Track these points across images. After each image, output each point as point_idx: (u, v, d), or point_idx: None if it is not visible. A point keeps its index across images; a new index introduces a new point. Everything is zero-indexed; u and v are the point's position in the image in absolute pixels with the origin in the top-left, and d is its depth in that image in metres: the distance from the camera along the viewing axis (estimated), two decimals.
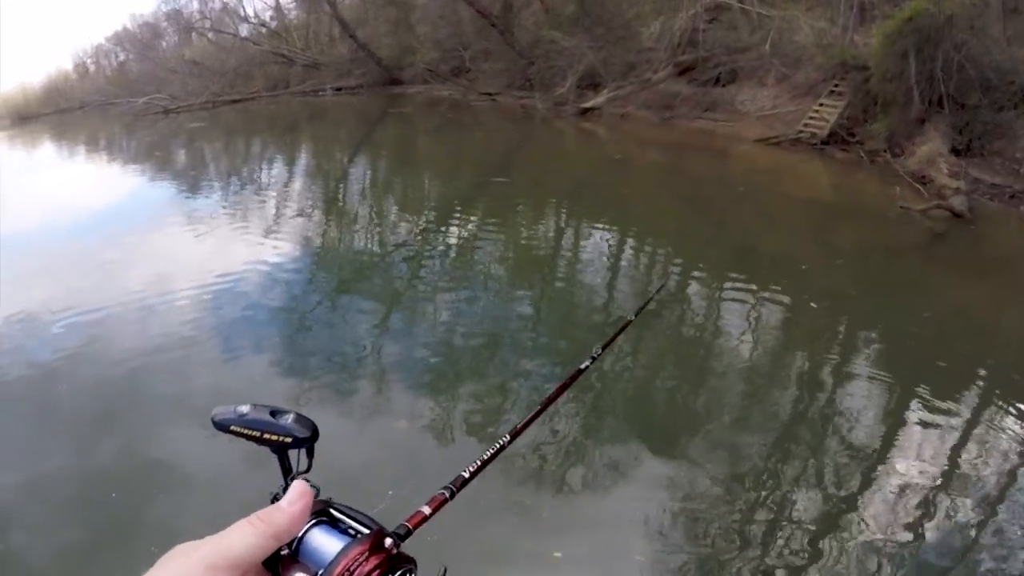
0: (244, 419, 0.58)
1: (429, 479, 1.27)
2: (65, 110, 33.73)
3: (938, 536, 2.81)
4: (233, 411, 0.58)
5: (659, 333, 5.01)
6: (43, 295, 6.02)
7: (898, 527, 2.82)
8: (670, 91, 14.03)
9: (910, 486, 3.08)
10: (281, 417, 0.58)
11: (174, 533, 2.04)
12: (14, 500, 3.31)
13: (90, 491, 3.34)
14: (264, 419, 0.57)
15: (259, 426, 0.57)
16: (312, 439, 0.58)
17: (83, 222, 9.51)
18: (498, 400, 4.08)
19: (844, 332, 5.03)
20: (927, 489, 3.06)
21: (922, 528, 2.84)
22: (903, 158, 8.90)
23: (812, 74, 11.88)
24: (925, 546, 2.76)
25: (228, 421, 0.58)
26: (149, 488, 3.26)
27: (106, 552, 2.89)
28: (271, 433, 0.57)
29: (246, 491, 0.37)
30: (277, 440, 0.57)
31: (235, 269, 6.39)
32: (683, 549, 2.78)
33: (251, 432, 0.57)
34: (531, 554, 2.75)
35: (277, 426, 0.57)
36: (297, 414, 0.58)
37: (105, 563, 2.82)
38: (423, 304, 5.72)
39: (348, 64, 23.23)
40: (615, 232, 7.56)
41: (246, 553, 0.44)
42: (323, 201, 10.44)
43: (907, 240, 6.78)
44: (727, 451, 3.39)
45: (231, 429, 0.58)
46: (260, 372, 4.46)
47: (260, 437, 0.57)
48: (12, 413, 4.18)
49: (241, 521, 0.46)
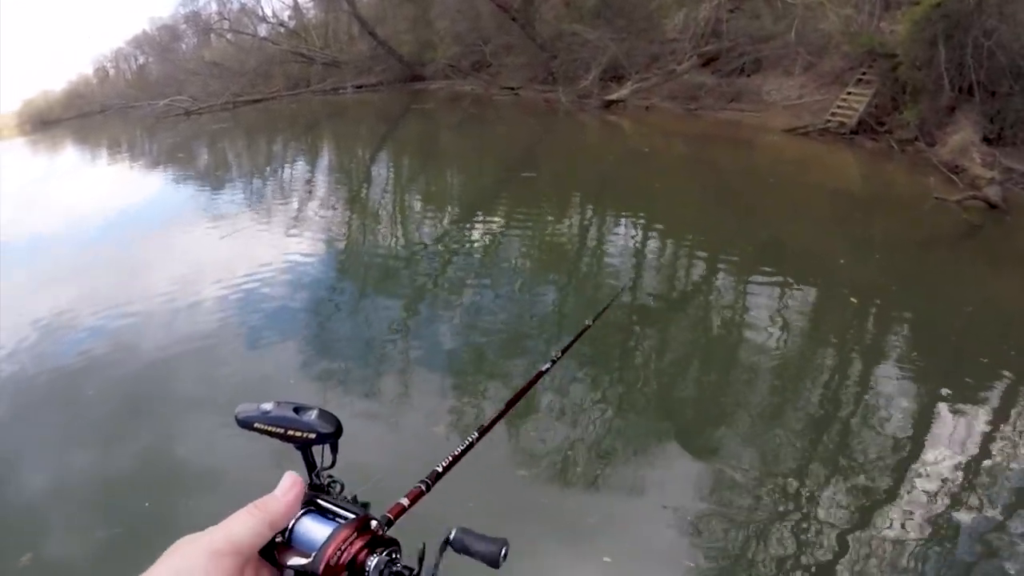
0: (267, 416, 0.58)
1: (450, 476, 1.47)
2: (86, 114, 34.34)
3: (971, 532, 2.79)
4: (256, 409, 0.59)
5: (687, 327, 5.09)
6: (70, 297, 6.19)
7: (931, 522, 2.84)
8: (694, 82, 14.17)
9: (949, 481, 3.10)
10: (304, 413, 0.58)
11: (198, 525, 2.50)
12: (43, 499, 3.40)
13: (117, 490, 3.40)
14: (288, 416, 0.58)
15: (283, 423, 0.58)
16: (336, 435, 0.59)
17: (109, 225, 9.72)
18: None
19: (884, 327, 5.03)
20: (966, 486, 3.08)
21: (955, 523, 2.84)
22: (935, 148, 9.04)
23: (838, 62, 11.98)
24: (958, 542, 2.75)
25: (252, 419, 0.59)
26: (176, 486, 3.33)
27: (133, 551, 2.90)
28: (295, 430, 0.58)
29: (271, 488, 0.43)
30: (301, 436, 0.58)
31: (260, 268, 6.48)
32: (725, 548, 2.77)
33: (275, 429, 0.58)
34: (579, 556, 2.76)
35: (300, 422, 0.58)
36: (320, 410, 0.59)
37: (134, 561, 2.94)
38: (449, 299, 5.76)
39: (368, 61, 23.49)
40: (642, 225, 7.66)
41: (247, 539, 0.47)
42: (347, 198, 10.56)
43: (943, 232, 6.89)
44: (768, 449, 3.39)
45: (255, 427, 0.59)
46: (286, 369, 4.51)
47: (284, 434, 0.58)
48: (42, 413, 4.28)
49: (240, 511, 0.48)
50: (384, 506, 0.60)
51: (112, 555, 2.94)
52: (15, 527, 3.25)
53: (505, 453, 3.39)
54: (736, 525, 2.88)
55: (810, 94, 12.14)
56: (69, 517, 3.28)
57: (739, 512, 2.95)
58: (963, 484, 3.10)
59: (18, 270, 7.77)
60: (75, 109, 35.14)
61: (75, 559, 3.01)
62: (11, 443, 3.99)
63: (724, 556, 2.75)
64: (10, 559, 2.98)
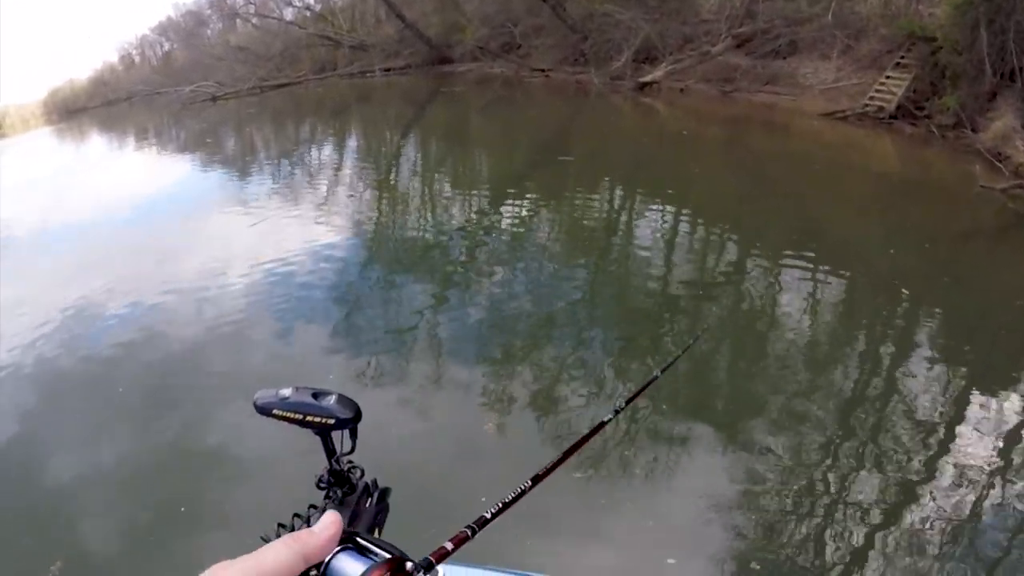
0: (286, 402, 0.58)
1: (484, 473, 1.63)
2: (112, 102, 34.76)
3: (999, 525, 2.84)
4: (275, 395, 0.59)
5: (732, 318, 5.10)
6: (101, 283, 6.35)
7: (961, 515, 2.90)
8: (729, 63, 14.35)
9: (994, 475, 3.14)
10: (323, 399, 0.59)
11: (226, 513, 3.23)
12: (74, 482, 3.50)
13: (146, 473, 3.50)
14: (306, 401, 0.58)
15: (302, 409, 0.58)
16: (355, 420, 0.59)
17: (138, 212, 9.89)
18: (556, 386, 4.10)
19: (932, 318, 5.05)
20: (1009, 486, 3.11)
21: (985, 516, 2.88)
22: (977, 134, 9.31)
23: (875, 45, 12.10)
24: (986, 534, 2.81)
25: (270, 405, 0.59)
26: (204, 470, 3.43)
27: (163, 534, 3.04)
28: (313, 415, 0.58)
29: (295, 472, 0.68)
30: (320, 422, 0.58)
31: (289, 252, 6.56)
32: (770, 549, 2.80)
33: (294, 415, 0.58)
34: (645, 559, 2.77)
35: (319, 408, 0.58)
36: (340, 395, 0.59)
37: (163, 545, 2.99)
38: (479, 283, 5.81)
39: (396, 44, 23.63)
40: (679, 211, 7.68)
41: (278, 570, 0.46)
42: (376, 182, 10.65)
43: (989, 221, 7.05)
44: (812, 440, 3.43)
45: (273, 413, 0.59)
46: (315, 353, 4.57)
47: (303, 420, 0.58)
48: (72, 398, 4.38)
49: (276, 541, 0.48)
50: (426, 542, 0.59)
51: (142, 543, 3.03)
52: (46, 513, 3.35)
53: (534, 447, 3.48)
54: (788, 530, 2.89)
55: (847, 77, 12.31)
56: (97, 503, 3.36)
57: (793, 512, 2.98)
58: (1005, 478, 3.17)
59: (49, 257, 8.08)
60: (101, 97, 35.61)
61: (105, 548, 3.07)
62: (43, 429, 4.15)
63: (771, 550, 2.78)
64: (42, 550, 3.07)
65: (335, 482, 0.66)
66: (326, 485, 0.67)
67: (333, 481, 0.66)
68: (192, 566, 0.47)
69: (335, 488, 0.66)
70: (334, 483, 0.66)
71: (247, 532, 0.61)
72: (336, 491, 0.66)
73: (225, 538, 2.88)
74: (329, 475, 0.66)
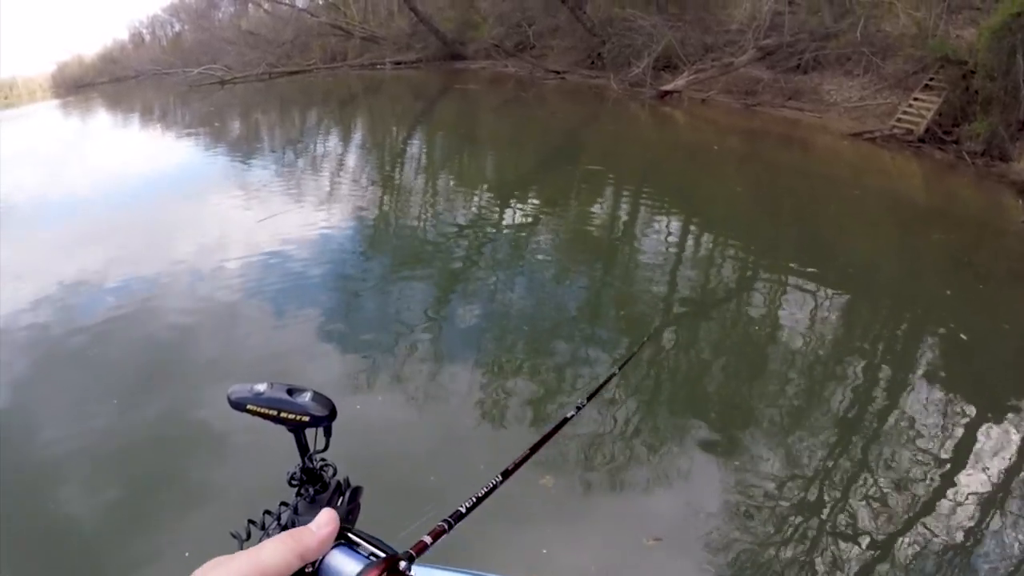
0: (260, 398, 0.58)
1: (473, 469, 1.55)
2: (119, 79, 34.43)
3: (999, 544, 2.85)
4: (249, 390, 0.59)
5: (737, 331, 5.04)
6: (96, 260, 6.27)
7: (955, 540, 2.89)
8: (751, 76, 14.08)
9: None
10: (298, 396, 0.58)
11: (211, 493, 3.11)
12: (62, 456, 3.47)
13: (134, 450, 3.49)
14: (281, 398, 0.58)
15: (276, 405, 0.58)
16: (330, 418, 0.59)
17: (138, 190, 9.74)
18: (551, 387, 4.10)
19: (975, 358, 4.76)
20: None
21: (986, 537, 2.90)
22: (1008, 163, 9.06)
23: (901, 66, 11.85)
24: (986, 553, 2.81)
25: (244, 400, 0.59)
26: (190, 450, 3.43)
27: (147, 509, 3.05)
28: (288, 412, 0.58)
29: (281, 456, 0.68)
30: (294, 419, 0.58)
31: (287, 240, 6.51)
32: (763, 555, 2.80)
33: (268, 411, 0.58)
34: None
35: (294, 405, 0.58)
36: (315, 392, 0.59)
37: (148, 520, 2.98)
38: (479, 283, 5.77)
39: (407, 38, 23.34)
40: (698, 227, 7.52)
41: (275, 568, 0.47)
42: (380, 175, 10.50)
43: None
44: (822, 458, 3.41)
45: (247, 408, 0.58)
46: (308, 343, 4.52)
47: (277, 416, 0.58)
48: (62, 372, 4.34)
49: (273, 538, 0.49)
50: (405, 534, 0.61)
51: (123, 516, 3.04)
52: (33, 481, 3.34)
53: (515, 440, 3.45)
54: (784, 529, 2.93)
55: (871, 97, 12.05)
56: (84, 475, 3.36)
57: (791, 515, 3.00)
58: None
59: (49, 229, 7.93)
60: (108, 74, 35.28)
61: (87, 517, 3.08)
62: (34, 400, 4.12)
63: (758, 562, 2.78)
64: (29, 509, 3.10)
65: (307, 479, 0.65)
66: (298, 482, 0.65)
67: (305, 479, 0.65)
68: (177, 542, 0.57)
69: (307, 486, 0.64)
70: (306, 480, 0.65)
71: (230, 509, 0.69)
72: (308, 488, 0.64)
73: (204, 516, 2.83)
74: (302, 472, 0.64)
